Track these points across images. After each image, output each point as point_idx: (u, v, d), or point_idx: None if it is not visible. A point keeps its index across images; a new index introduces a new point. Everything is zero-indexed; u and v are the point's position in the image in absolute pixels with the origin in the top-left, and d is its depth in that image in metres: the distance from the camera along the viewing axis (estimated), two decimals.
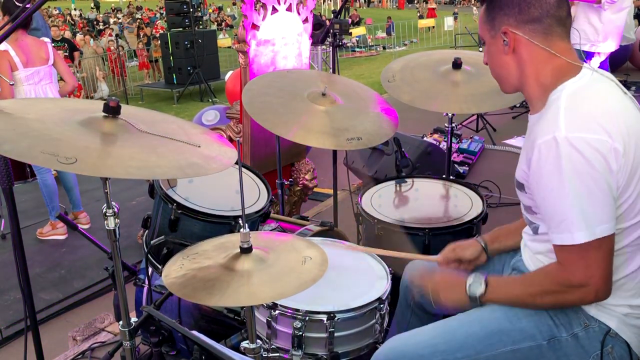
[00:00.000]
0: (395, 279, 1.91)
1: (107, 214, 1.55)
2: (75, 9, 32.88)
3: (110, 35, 17.92)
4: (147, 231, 2.19)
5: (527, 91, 1.52)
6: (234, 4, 32.57)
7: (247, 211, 1.91)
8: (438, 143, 4.92)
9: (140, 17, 26.41)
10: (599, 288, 1.37)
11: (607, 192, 1.32)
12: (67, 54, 10.46)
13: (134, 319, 1.72)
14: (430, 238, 2.09)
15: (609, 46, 4.64)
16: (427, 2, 28.16)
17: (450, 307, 1.61)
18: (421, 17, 21.83)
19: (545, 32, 1.44)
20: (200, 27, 12.48)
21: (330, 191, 3.25)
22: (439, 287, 1.65)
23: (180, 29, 11.21)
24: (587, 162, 1.30)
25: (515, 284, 1.56)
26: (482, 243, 1.81)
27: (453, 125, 2.73)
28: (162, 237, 2.03)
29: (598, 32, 4.55)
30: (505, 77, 1.55)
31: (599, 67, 2.28)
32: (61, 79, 4.23)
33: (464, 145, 5.21)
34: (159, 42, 13.03)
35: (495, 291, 1.54)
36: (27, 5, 1.76)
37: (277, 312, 1.70)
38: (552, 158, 1.33)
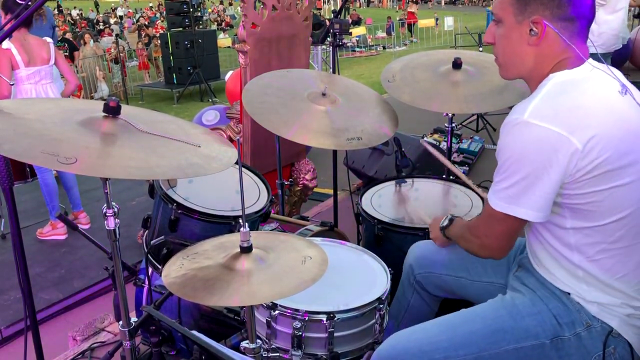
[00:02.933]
0: (395, 279, 1.92)
1: (107, 214, 1.55)
2: (75, 8, 32.88)
3: (110, 35, 17.93)
4: (147, 231, 2.19)
5: (532, 80, 1.50)
6: (230, 4, 32.61)
7: (247, 211, 1.91)
8: (438, 143, 4.92)
9: (140, 16, 26.42)
10: (492, 247, 1.52)
11: (545, 183, 1.35)
12: (67, 53, 10.47)
13: (133, 319, 1.72)
14: (430, 238, 2.09)
15: (605, 47, 4.64)
16: (409, 4, 27.85)
17: (432, 238, 1.90)
18: (402, 21, 21.56)
19: (574, 31, 1.43)
20: (200, 27, 12.48)
21: (330, 191, 3.25)
22: (431, 225, 1.91)
23: (180, 28, 11.22)
24: (535, 150, 1.34)
25: (460, 225, 1.73)
26: None
27: (453, 125, 2.73)
28: (162, 237, 2.03)
29: (594, 33, 4.56)
30: (515, 65, 1.51)
31: None
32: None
33: (464, 145, 5.21)
34: (159, 42, 13.03)
35: (451, 229, 1.77)
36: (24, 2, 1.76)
37: (276, 312, 1.70)
38: (507, 136, 1.39)
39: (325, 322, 1.67)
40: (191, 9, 10.92)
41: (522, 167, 1.36)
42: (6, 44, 3.60)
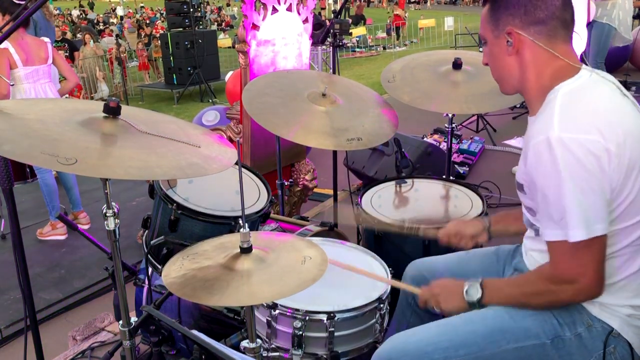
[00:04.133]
0: (395, 279, 1.91)
1: (107, 214, 1.56)
2: (75, 8, 32.92)
3: (110, 35, 17.92)
4: (147, 231, 2.20)
5: (527, 93, 1.52)
6: (228, 4, 32.68)
7: (247, 211, 1.91)
8: (438, 144, 4.92)
9: (140, 17, 26.44)
10: (591, 285, 1.38)
11: (599, 193, 1.33)
12: (67, 54, 10.46)
13: (133, 319, 1.72)
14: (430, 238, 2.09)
15: None
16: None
17: (453, 313, 1.60)
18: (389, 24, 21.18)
19: (550, 34, 1.44)
20: (201, 27, 12.48)
21: (330, 191, 3.25)
22: (438, 297, 1.62)
23: (181, 29, 11.22)
24: (580, 163, 1.31)
25: (510, 285, 1.56)
26: (485, 222, 1.88)
27: (453, 125, 2.73)
28: (162, 237, 2.03)
29: None
30: (506, 79, 1.55)
31: None
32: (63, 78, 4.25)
33: (464, 146, 5.21)
34: (159, 42, 13.03)
35: (492, 294, 1.54)
36: (22, 2, 1.77)
37: (277, 311, 1.70)
38: (546, 159, 1.33)
39: (325, 321, 1.67)
40: (191, 9, 10.92)
41: (576, 185, 1.31)
42: (4, 43, 3.60)
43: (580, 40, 3.97)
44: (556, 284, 1.42)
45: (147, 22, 22.59)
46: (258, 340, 1.57)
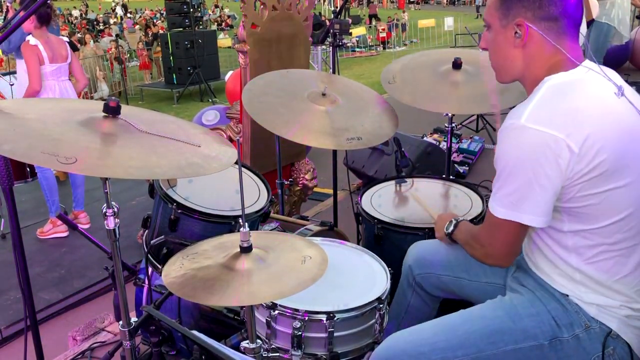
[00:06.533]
0: (395, 279, 1.92)
1: (107, 214, 1.55)
2: (75, 8, 32.94)
3: (110, 35, 17.93)
4: (147, 231, 2.20)
5: (526, 84, 1.52)
6: (217, 6, 32.90)
7: (247, 211, 1.91)
8: (438, 143, 4.92)
9: (141, 16, 26.44)
10: (497, 256, 1.52)
11: (546, 188, 1.35)
12: None
13: (134, 319, 1.72)
14: (430, 238, 2.09)
15: None
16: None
17: (438, 238, 1.86)
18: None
19: (560, 31, 1.43)
20: (200, 27, 12.48)
21: (330, 191, 3.25)
22: (435, 226, 1.89)
23: (181, 29, 11.22)
24: (534, 155, 1.34)
25: (465, 231, 1.72)
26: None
27: (453, 125, 2.73)
28: (162, 236, 2.03)
29: None
30: (507, 69, 1.54)
31: None
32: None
33: (464, 145, 5.21)
34: (160, 41, 13.05)
35: (457, 233, 1.75)
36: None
37: (276, 312, 1.70)
38: (506, 141, 1.40)
39: (325, 322, 1.67)
40: (191, 9, 10.93)
41: (522, 171, 1.36)
42: (34, 40, 3.83)
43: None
44: (475, 241, 1.61)
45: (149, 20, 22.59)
46: (258, 340, 1.57)
